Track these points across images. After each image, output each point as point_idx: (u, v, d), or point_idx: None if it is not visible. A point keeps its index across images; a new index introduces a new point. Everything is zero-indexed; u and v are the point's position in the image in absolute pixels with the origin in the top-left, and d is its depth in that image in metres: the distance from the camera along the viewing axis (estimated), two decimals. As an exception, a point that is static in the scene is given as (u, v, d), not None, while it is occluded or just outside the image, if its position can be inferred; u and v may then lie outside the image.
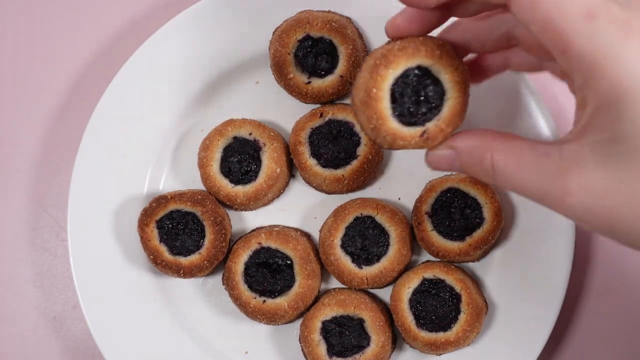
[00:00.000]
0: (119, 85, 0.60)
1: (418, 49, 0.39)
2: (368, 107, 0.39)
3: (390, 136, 0.39)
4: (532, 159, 0.36)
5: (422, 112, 0.39)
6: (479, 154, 0.38)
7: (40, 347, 0.65)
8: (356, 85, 0.40)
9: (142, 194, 0.62)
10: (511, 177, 0.37)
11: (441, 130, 0.40)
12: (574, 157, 0.34)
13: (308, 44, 0.59)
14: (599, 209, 0.34)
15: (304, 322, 0.59)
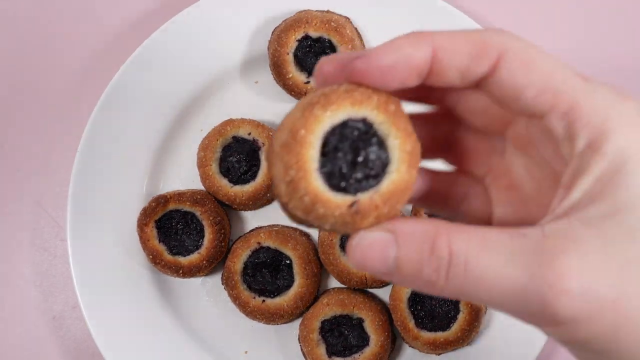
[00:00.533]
0: (119, 85, 0.60)
1: (370, 97, 0.30)
2: (290, 152, 0.29)
3: (310, 197, 0.29)
4: (504, 241, 0.27)
5: (357, 177, 0.29)
6: (429, 239, 0.28)
7: (39, 347, 0.65)
8: (280, 125, 0.30)
9: (142, 193, 0.62)
10: (475, 268, 0.26)
11: (375, 207, 0.29)
12: (563, 234, 0.26)
13: (307, 43, 0.59)
14: (601, 289, 0.26)
15: (303, 322, 0.59)
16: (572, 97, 0.27)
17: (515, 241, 0.27)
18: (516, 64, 0.28)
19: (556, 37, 0.66)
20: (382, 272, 0.28)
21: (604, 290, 0.25)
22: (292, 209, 0.30)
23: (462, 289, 0.27)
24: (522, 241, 0.26)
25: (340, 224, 0.29)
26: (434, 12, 0.60)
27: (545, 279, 0.25)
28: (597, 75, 0.64)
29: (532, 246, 0.26)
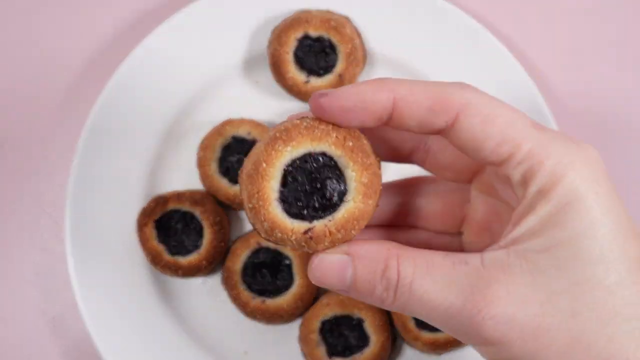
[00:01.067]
0: (118, 85, 0.60)
1: (328, 133, 0.33)
2: (252, 182, 0.33)
3: (269, 223, 0.33)
4: (446, 267, 0.31)
5: (313, 206, 0.33)
6: (381, 261, 0.31)
7: (39, 347, 0.65)
8: (248, 155, 0.34)
9: (141, 193, 0.62)
10: (418, 290, 0.30)
11: (329, 234, 0.33)
12: (499, 264, 0.30)
13: (307, 43, 0.59)
14: (524, 318, 0.29)
15: (303, 322, 0.59)
16: (527, 148, 0.30)
17: (456, 268, 0.30)
18: (475, 119, 0.31)
19: (556, 37, 0.66)
20: (340, 289, 0.32)
21: (526, 319, 0.29)
22: (257, 230, 0.33)
23: (407, 307, 0.31)
24: (462, 268, 0.30)
25: (298, 246, 0.33)
26: (433, 11, 0.60)
27: (475, 304, 0.29)
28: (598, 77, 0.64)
29: (470, 273, 0.30)
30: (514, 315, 0.29)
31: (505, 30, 0.65)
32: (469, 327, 0.30)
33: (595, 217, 0.29)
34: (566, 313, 0.29)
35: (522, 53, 0.65)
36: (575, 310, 0.29)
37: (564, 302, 0.29)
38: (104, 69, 0.65)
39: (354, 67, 0.59)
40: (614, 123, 0.64)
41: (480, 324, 0.29)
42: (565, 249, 0.29)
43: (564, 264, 0.29)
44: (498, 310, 0.29)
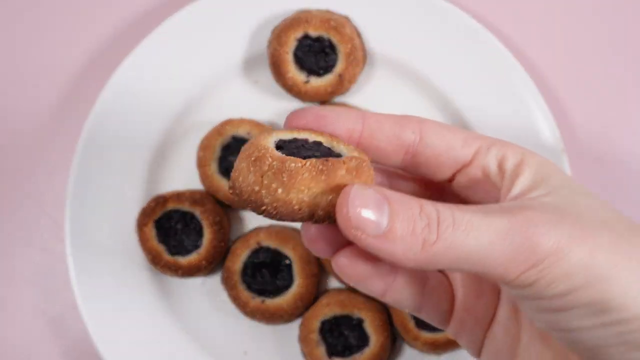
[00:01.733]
0: (117, 85, 0.60)
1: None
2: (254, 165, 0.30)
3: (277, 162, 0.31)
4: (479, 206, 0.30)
5: None
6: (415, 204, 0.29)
7: (39, 348, 0.65)
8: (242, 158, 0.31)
9: (141, 193, 0.62)
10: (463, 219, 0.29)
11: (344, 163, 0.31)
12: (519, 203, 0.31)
13: (306, 42, 0.59)
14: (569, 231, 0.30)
15: (303, 322, 0.59)
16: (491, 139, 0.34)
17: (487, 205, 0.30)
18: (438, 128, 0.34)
19: (556, 37, 0.66)
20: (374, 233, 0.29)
21: (569, 231, 0.29)
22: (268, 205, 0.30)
23: (453, 242, 0.28)
24: (492, 205, 0.30)
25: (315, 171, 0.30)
26: (433, 11, 0.60)
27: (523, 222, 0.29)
28: (597, 76, 0.63)
29: (502, 205, 0.30)
30: (560, 230, 0.29)
31: (505, 30, 0.65)
32: (522, 240, 0.29)
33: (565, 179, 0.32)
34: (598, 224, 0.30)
35: (522, 53, 0.65)
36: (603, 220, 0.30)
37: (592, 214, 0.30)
38: (104, 69, 0.65)
39: (354, 67, 0.59)
40: (614, 120, 0.64)
41: (528, 242, 0.28)
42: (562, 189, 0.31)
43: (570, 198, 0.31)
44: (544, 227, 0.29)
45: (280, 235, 0.59)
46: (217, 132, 0.60)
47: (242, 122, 0.60)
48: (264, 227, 0.62)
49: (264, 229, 0.61)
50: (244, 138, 0.60)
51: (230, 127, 0.60)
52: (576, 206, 0.30)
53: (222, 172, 0.60)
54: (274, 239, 0.59)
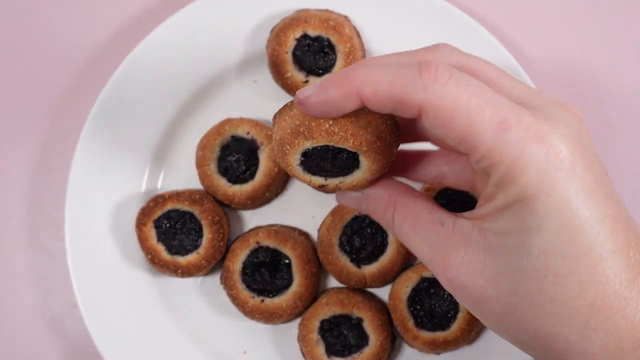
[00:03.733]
0: (117, 85, 0.60)
1: (345, 139, 0.37)
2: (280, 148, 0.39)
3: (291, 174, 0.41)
4: (427, 224, 0.38)
5: (328, 171, 0.40)
6: (383, 205, 0.41)
7: (38, 348, 0.65)
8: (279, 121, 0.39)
9: (140, 193, 0.62)
10: (406, 236, 0.40)
11: (338, 188, 0.42)
12: (463, 234, 0.36)
13: (305, 42, 0.59)
14: (471, 287, 0.36)
15: (302, 322, 0.59)
16: (485, 147, 0.33)
17: (434, 227, 0.38)
18: (434, 122, 0.34)
19: (556, 37, 0.66)
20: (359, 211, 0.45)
21: (472, 288, 0.36)
22: None
23: (401, 241, 0.40)
24: (437, 229, 0.38)
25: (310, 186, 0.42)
26: (432, 10, 0.60)
27: (438, 263, 0.37)
28: (597, 74, 0.64)
29: (441, 235, 0.37)
30: (464, 283, 0.36)
31: (505, 30, 0.65)
32: (435, 274, 0.38)
33: (544, 215, 0.33)
34: (505, 291, 0.35)
35: (522, 53, 0.65)
36: (513, 291, 0.34)
37: (505, 283, 0.34)
38: (102, 69, 0.65)
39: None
40: (617, 118, 0.64)
41: (440, 277, 0.37)
42: (514, 238, 0.34)
43: (512, 250, 0.34)
44: (452, 274, 0.36)
45: (279, 235, 0.59)
46: (217, 131, 0.60)
47: (241, 122, 0.60)
48: (263, 226, 0.62)
49: (263, 229, 0.61)
50: (243, 137, 0.60)
51: (230, 126, 0.60)
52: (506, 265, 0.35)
53: (221, 172, 0.60)
54: (273, 239, 0.59)
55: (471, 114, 0.33)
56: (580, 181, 0.33)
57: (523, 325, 0.35)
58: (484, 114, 0.33)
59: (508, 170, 0.33)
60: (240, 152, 0.60)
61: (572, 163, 0.33)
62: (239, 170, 0.60)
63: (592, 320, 0.33)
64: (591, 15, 0.66)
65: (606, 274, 0.33)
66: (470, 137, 0.33)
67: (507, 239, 0.34)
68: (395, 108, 0.35)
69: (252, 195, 0.60)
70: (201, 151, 0.60)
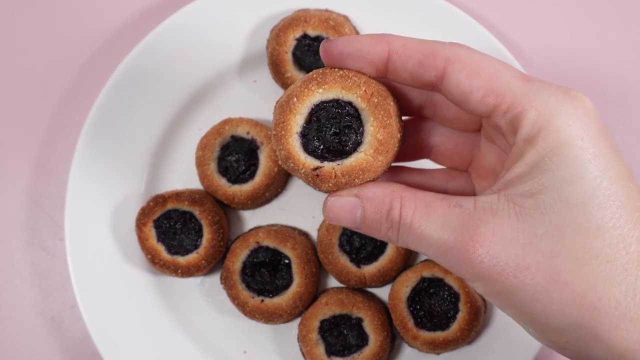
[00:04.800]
0: (117, 85, 0.60)
1: (359, 86, 0.36)
2: (282, 112, 0.36)
3: (285, 152, 0.36)
4: (442, 209, 0.34)
5: (327, 148, 0.36)
6: (386, 202, 0.35)
7: (38, 347, 0.65)
8: (286, 90, 0.38)
9: (140, 193, 0.62)
10: (417, 228, 0.34)
11: (334, 177, 0.36)
12: (489, 207, 0.33)
13: (305, 42, 0.59)
14: (506, 257, 0.32)
15: (302, 321, 0.59)
16: (511, 99, 0.32)
17: (451, 209, 0.34)
18: (462, 73, 0.33)
19: (556, 36, 0.66)
20: (351, 227, 0.37)
21: (508, 259, 0.32)
22: (277, 155, 0.37)
23: (409, 243, 0.35)
24: (455, 210, 0.34)
25: (305, 179, 0.36)
26: (432, 10, 0.60)
27: (464, 243, 0.33)
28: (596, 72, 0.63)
29: (462, 215, 0.34)
30: (497, 254, 0.32)
31: (505, 30, 0.65)
32: (459, 263, 0.33)
33: (579, 163, 0.31)
34: (545, 254, 0.32)
35: (522, 52, 0.65)
36: (554, 251, 0.31)
37: (544, 244, 0.32)
38: (102, 70, 0.65)
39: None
40: (614, 121, 0.64)
41: (467, 261, 0.33)
42: (549, 193, 0.31)
43: (548, 208, 0.31)
44: (483, 249, 0.32)
45: (279, 235, 0.59)
46: (216, 131, 0.60)
47: (241, 122, 0.60)
48: (263, 226, 0.62)
49: (263, 229, 0.61)
50: (243, 137, 0.60)
51: (230, 126, 0.60)
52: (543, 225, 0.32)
53: (221, 172, 0.60)
54: (273, 239, 0.59)
55: (496, 66, 0.33)
56: (607, 134, 0.32)
57: (568, 294, 0.31)
58: (509, 68, 0.33)
59: (537, 118, 0.32)
60: (240, 152, 0.60)
61: (597, 116, 0.32)
62: (239, 170, 0.60)
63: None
64: (593, 15, 0.66)
65: None
66: (497, 85, 0.32)
67: (541, 196, 0.32)
68: (420, 63, 0.34)
69: (252, 195, 0.60)
70: (201, 151, 0.60)
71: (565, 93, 0.32)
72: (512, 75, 0.33)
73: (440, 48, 0.34)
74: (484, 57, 0.33)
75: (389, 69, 0.35)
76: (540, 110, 0.32)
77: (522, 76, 0.33)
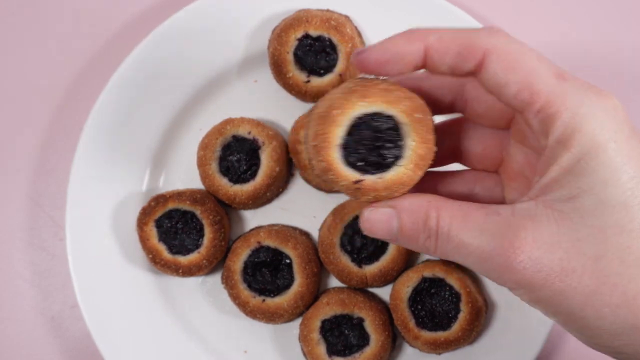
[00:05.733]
0: (118, 84, 0.60)
1: (401, 101, 0.36)
2: (322, 123, 0.36)
3: (326, 164, 0.36)
4: (481, 216, 0.34)
5: (369, 161, 0.36)
6: (423, 212, 0.35)
7: (38, 347, 0.65)
8: (324, 97, 0.37)
9: (141, 193, 0.62)
10: (456, 237, 0.34)
11: (375, 190, 0.36)
12: (528, 213, 0.33)
13: (307, 42, 0.59)
14: (550, 263, 0.32)
15: (303, 321, 0.59)
16: (545, 97, 0.32)
17: (489, 217, 0.33)
18: (498, 65, 0.33)
19: (556, 36, 0.66)
20: (388, 239, 0.37)
21: (551, 264, 0.32)
22: (313, 166, 0.37)
23: (448, 253, 0.35)
24: (494, 218, 0.33)
25: (344, 191, 0.36)
26: (433, 10, 0.60)
27: (504, 250, 0.32)
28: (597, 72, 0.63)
29: (501, 223, 0.33)
30: (540, 260, 0.32)
31: (505, 30, 0.65)
32: (500, 271, 0.33)
33: (616, 165, 0.31)
34: (590, 257, 0.31)
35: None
36: (598, 254, 0.31)
37: (588, 247, 0.31)
38: (103, 69, 0.65)
39: (354, 66, 0.59)
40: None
41: (509, 267, 0.32)
42: (587, 197, 0.31)
43: (587, 211, 0.31)
44: (524, 255, 0.32)
45: (280, 235, 0.59)
46: (218, 131, 0.60)
47: (242, 122, 0.60)
48: (264, 226, 0.62)
49: (264, 229, 0.61)
50: (244, 137, 0.60)
51: (231, 126, 0.60)
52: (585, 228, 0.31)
53: (223, 172, 0.60)
54: (274, 239, 0.59)
55: (534, 60, 0.33)
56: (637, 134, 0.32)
57: (619, 296, 0.31)
58: (546, 64, 0.33)
59: (571, 120, 0.31)
60: (241, 151, 0.60)
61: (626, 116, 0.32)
62: (240, 170, 0.60)
63: None
64: (590, 12, 0.66)
65: None
66: (533, 81, 0.32)
67: (580, 200, 0.31)
68: (459, 54, 0.34)
69: (253, 195, 0.60)
70: (202, 151, 0.60)
71: (597, 94, 0.32)
72: (548, 71, 0.33)
73: (477, 38, 0.33)
74: (522, 48, 0.33)
75: (427, 64, 0.35)
76: (573, 113, 0.31)
77: (558, 73, 0.33)
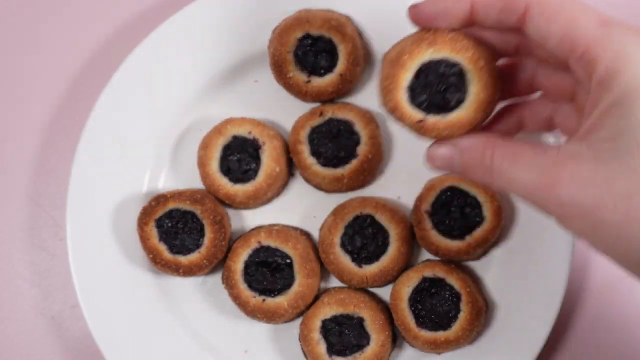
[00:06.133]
0: (118, 84, 0.60)
1: (467, 49, 0.39)
2: (392, 67, 0.40)
3: (393, 104, 0.40)
4: (530, 155, 0.37)
5: (432, 102, 0.40)
6: (480, 151, 0.40)
7: (38, 347, 0.65)
8: (396, 44, 0.41)
9: (141, 192, 0.62)
10: (507, 173, 0.38)
11: (437, 129, 0.40)
12: (571, 153, 0.36)
13: (307, 42, 0.59)
14: (584, 198, 0.34)
15: (303, 321, 0.59)
16: (586, 43, 0.34)
17: (537, 156, 0.37)
18: (539, 18, 0.36)
19: None
20: (449, 171, 0.42)
21: (585, 199, 0.34)
22: (382, 104, 0.41)
23: (503, 186, 0.39)
24: (541, 156, 0.37)
25: (408, 128, 0.41)
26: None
27: (545, 184, 0.36)
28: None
29: (547, 161, 0.36)
30: (576, 194, 0.34)
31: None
32: (543, 204, 0.37)
33: None
34: (622, 194, 0.33)
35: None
36: (631, 192, 0.33)
37: (620, 185, 0.33)
38: (103, 69, 0.65)
39: (355, 66, 0.59)
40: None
41: (552, 200, 0.36)
42: (625, 137, 0.33)
43: (624, 151, 0.33)
44: (563, 190, 0.35)
45: (281, 235, 0.59)
46: (218, 131, 0.60)
47: (243, 121, 0.60)
48: (264, 226, 0.62)
49: (264, 228, 0.61)
50: (245, 137, 0.60)
51: (231, 126, 0.60)
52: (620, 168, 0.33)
53: (223, 171, 0.60)
54: (275, 238, 0.59)
55: (575, 10, 0.35)
56: None
57: None
58: (588, 12, 0.35)
59: (612, 63, 0.33)
60: (241, 152, 0.60)
61: None
62: (241, 170, 0.60)
63: None
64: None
65: None
66: (573, 29, 0.34)
67: (618, 140, 0.33)
68: (502, 10, 0.37)
69: (253, 195, 0.60)
70: (203, 151, 0.60)
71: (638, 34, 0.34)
72: (589, 19, 0.34)
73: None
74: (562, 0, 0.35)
75: (474, 19, 0.39)
76: (615, 56, 0.33)
77: (601, 20, 0.34)
